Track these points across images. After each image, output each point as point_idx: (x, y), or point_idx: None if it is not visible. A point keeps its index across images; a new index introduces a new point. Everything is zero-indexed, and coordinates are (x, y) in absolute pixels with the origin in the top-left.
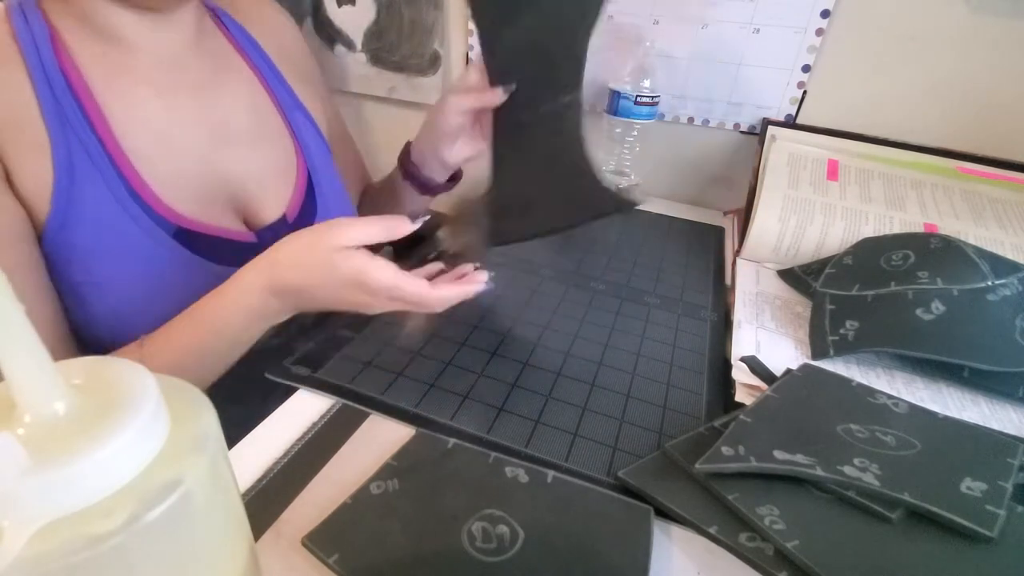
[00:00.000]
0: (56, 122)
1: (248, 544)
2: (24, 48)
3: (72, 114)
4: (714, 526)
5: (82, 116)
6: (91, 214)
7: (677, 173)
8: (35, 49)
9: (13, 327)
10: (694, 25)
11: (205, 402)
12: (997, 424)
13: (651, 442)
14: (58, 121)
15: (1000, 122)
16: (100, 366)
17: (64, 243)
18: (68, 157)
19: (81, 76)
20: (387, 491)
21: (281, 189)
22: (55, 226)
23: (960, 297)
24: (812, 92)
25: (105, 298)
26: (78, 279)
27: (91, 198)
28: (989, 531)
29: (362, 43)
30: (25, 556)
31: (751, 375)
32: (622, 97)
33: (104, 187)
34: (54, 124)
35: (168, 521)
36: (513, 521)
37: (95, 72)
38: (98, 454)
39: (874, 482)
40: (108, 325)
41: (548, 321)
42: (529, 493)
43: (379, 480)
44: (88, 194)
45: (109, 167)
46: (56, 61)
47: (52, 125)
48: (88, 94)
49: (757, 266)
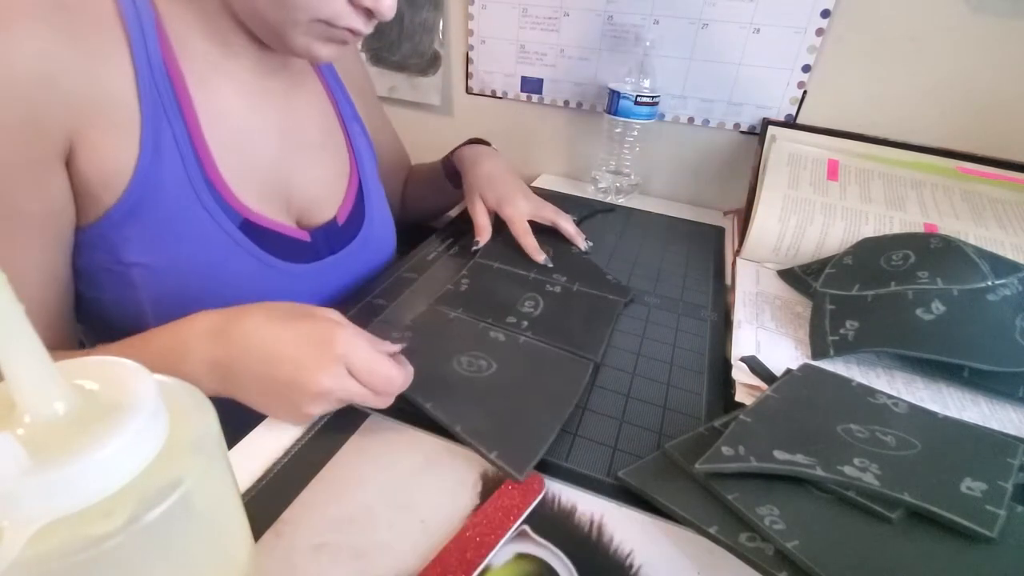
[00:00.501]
0: (149, 102)
1: (248, 544)
2: (127, 21)
3: (166, 97)
4: (714, 526)
5: (174, 99)
6: (167, 195)
7: (677, 173)
8: (140, 27)
9: (13, 327)
10: (694, 25)
11: (205, 402)
12: (997, 424)
13: (651, 442)
14: (152, 101)
15: (1000, 122)
16: (100, 366)
17: (133, 221)
18: (155, 139)
19: (177, 62)
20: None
21: (335, 194)
22: (129, 203)
23: (960, 297)
24: (812, 92)
25: (160, 282)
26: (133, 260)
27: (170, 179)
28: (989, 531)
29: (362, 43)
30: (25, 556)
31: (751, 375)
32: (622, 97)
33: (183, 171)
34: (147, 103)
35: (168, 521)
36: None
37: (192, 62)
38: (98, 454)
39: (874, 482)
40: (156, 309)
41: None
42: (505, 344)
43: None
44: (167, 175)
45: (190, 152)
46: (158, 42)
47: (145, 103)
48: (181, 80)
49: (757, 266)
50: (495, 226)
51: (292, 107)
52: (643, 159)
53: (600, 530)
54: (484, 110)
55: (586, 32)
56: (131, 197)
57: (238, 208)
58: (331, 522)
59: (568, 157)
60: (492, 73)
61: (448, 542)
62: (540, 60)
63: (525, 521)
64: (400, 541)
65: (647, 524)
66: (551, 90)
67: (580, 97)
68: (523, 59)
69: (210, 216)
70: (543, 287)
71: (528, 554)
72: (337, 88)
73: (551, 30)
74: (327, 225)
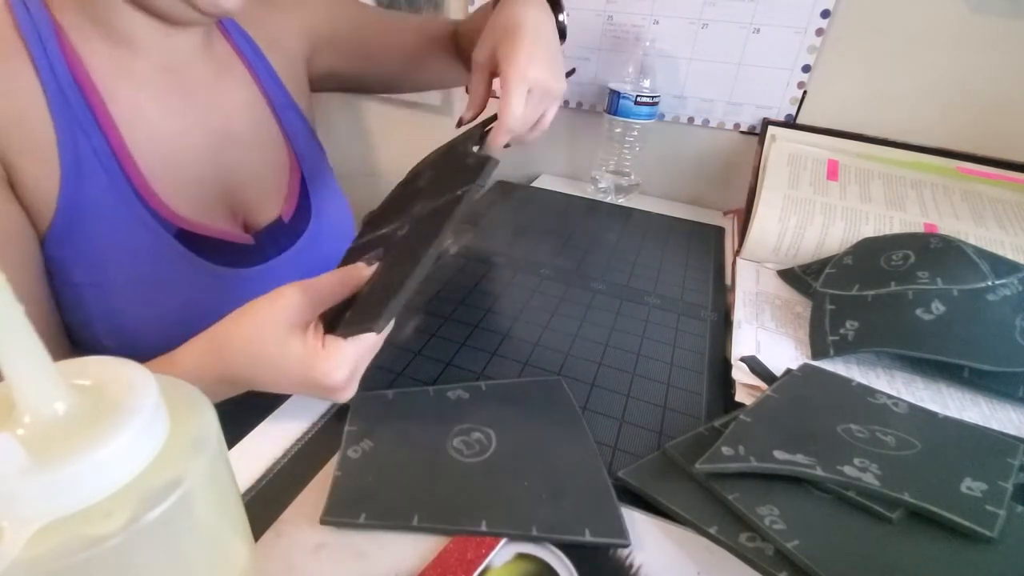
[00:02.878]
0: (63, 120)
1: (248, 544)
2: (28, 40)
3: (80, 111)
4: (714, 526)
5: (89, 114)
6: (97, 214)
7: (677, 173)
8: (40, 42)
9: (13, 327)
10: (694, 25)
11: (205, 402)
12: (997, 424)
13: (651, 442)
14: (65, 119)
15: (1000, 122)
16: (100, 366)
17: (68, 244)
18: (75, 156)
19: (87, 73)
20: (365, 451)
21: (276, 190)
22: (60, 226)
23: (960, 297)
24: (812, 92)
25: (106, 299)
26: (78, 280)
27: (97, 198)
28: (989, 531)
29: None
30: (25, 556)
31: (751, 375)
32: (622, 97)
33: (110, 186)
34: (61, 122)
35: (168, 521)
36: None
37: (100, 70)
38: (98, 454)
39: (874, 482)
40: (106, 327)
41: (548, 321)
42: (475, 404)
43: (352, 447)
44: (94, 194)
45: (115, 167)
46: (62, 56)
47: (59, 123)
48: (94, 92)
49: (757, 266)
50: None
51: (215, 102)
52: (643, 159)
53: None
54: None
55: (586, 32)
56: (62, 218)
57: (170, 217)
58: None
59: (568, 157)
60: None
61: (448, 542)
62: None
63: None
64: (400, 541)
65: (647, 524)
66: None
67: (580, 97)
68: None
69: (145, 229)
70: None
71: (528, 554)
72: (266, 74)
73: None
74: (272, 225)
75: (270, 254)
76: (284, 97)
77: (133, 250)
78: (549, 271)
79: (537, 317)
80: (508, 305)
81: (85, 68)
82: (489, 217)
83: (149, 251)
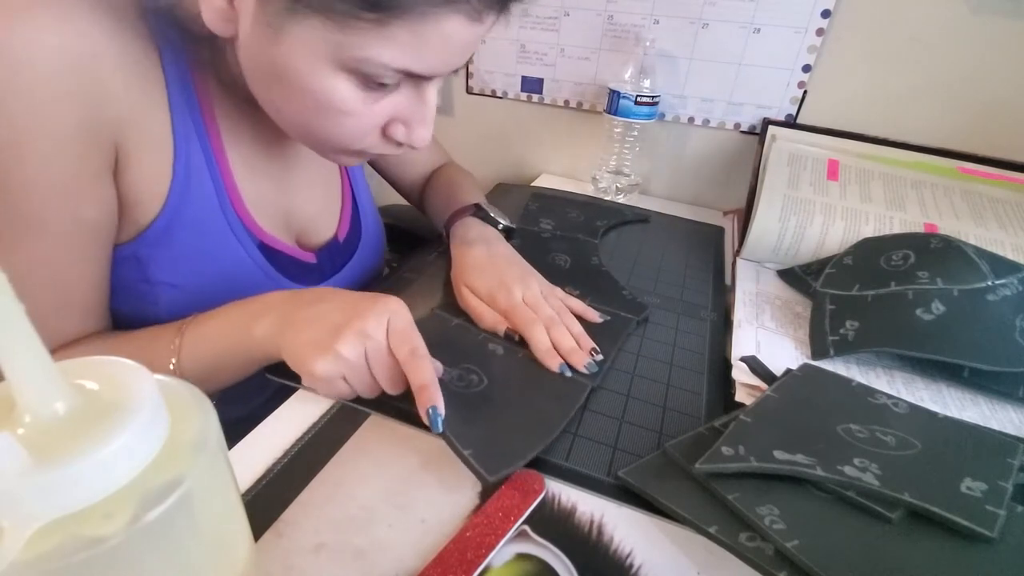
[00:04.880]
0: (181, 123)
1: (248, 544)
2: (161, 47)
3: (195, 119)
4: (714, 526)
5: (202, 123)
6: (197, 216)
7: (677, 173)
8: (173, 56)
9: (13, 327)
10: (694, 25)
11: (205, 402)
12: (997, 424)
13: (651, 442)
14: (183, 122)
15: (1000, 122)
16: (100, 366)
17: (165, 240)
18: (187, 166)
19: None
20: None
21: (331, 209)
22: (163, 222)
23: (960, 297)
24: (812, 92)
25: (181, 300)
26: (160, 278)
27: (200, 202)
28: (989, 531)
29: None
30: (25, 556)
31: (751, 375)
32: (622, 97)
33: (213, 195)
34: (180, 125)
35: (168, 521)
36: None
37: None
38: (98, 454)
39: (874, 482)
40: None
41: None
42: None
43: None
44: (198, 197)
45: (219, 177)
46: (190, 72)
47: (178, 125)
48: (208, 103)
49: (757, 266)
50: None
51: None
52: (643, 159)
53: (600, 530)
54: (484, 110)
55: (586, 32)
56: (165, 218)
57: (255, 231)
58: (331, 522)
59: (568, 157)
60: (492, 73)
61: (448, 542)
62: (540, 60)
63: (525, 521)
64: (400, 541)
65: (647, 524)
66: (551, 90)
67: (580, 97)
68: (523, 59)
69: (236, 239)
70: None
71: (528, 554)
72: None
73: (551, 30)
74: (330, 244)
75: (328, 272)
76: None
77: (221, 258)
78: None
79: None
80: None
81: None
82: None
83: (235, 260)
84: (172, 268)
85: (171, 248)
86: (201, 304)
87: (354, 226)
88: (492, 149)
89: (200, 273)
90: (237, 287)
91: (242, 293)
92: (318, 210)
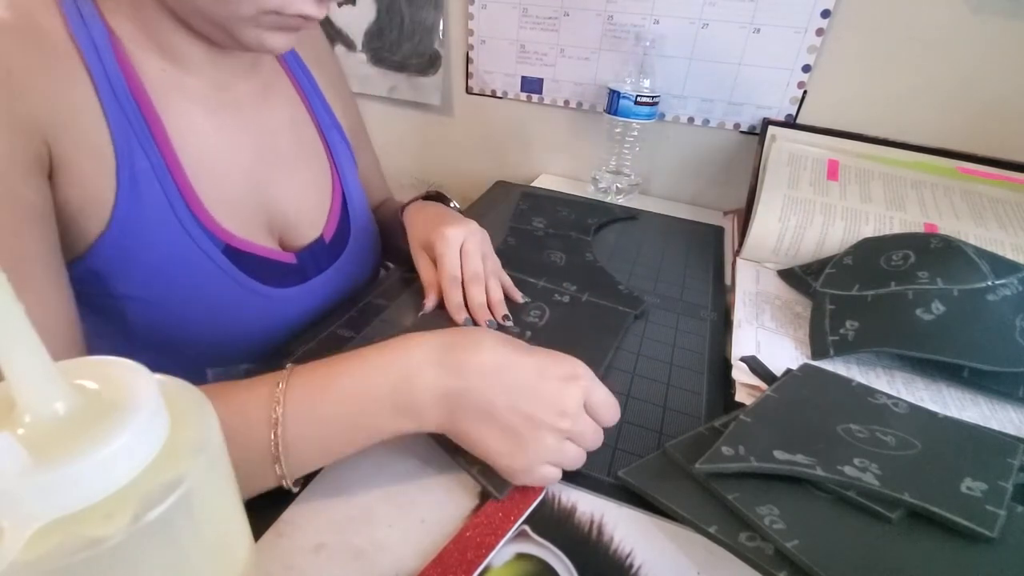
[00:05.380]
0: (120, 131)
1: (248, 544)
2: (83, 48)
3: (137, 125)
4: (714, 526)
5: (146, 128)
6: (151, 229)
7: (677, 173)
8: (94, 48)
9: (13, 327)
10: (694, 25)
11: (205, 402)
12: (997, 424)
13: (651, 442)
14: (122, 130)
15: (1000, 122)
16: (100, 366)
17: (119, 256)
18: (132, 170)
19: (142, 85)
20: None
21: (318, 210)
22: (114, 233)
23: (960, 297)
24: (812, 92)
25: (149, 313)
26: (121, 292)
27: (151, 208)
28: (989, 531)
29: (362, 43)
30: (25, 556)
31: (751, 375)
32: (622, 97)
33: (165, 200)
34: (118, 130)
35: (168, 521)
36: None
37: (154, 83)
38: (98, 454)
39: (874, 482)
40: (144, 340)
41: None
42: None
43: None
44: (149, 205)
45: (170, 181)
46: (118, 67)
47: (116, 131)
48: (149, 105)
49: (757, 266)
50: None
51: (262, 119)
52: (643, 159)
53: (600, 530)
54: (484, 110)
55: (586, 32)
56: (116, 229)
57: (219, 233)
58: (331, 522)
59: (568, 157)
60: (492, 73)
61: (448, 543)
62: (540, 60)
63: (525, 521)
64: (400, 541)
65: (647, 524)
66: (551, 90)
67: (580, 97)
68: (523, 59)
69: (195, 244)
70: (551, 296)
71: (528, 554)
72: (313, 94)
73: (551, 30)
74: (313, 245)
75: (311, 274)
76: (329, 117)
77: (183, 265)
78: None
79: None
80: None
81: (140, 80)
82: (489, 217)
83: (199, 266)
84: (132, 280)
85: (127, 259)
86: (171, 315)
87: (342, 226)
88: (492, 149)
89: (163, 283)
90: (204, 294)
91: (211, 300)
92: (303, 209)
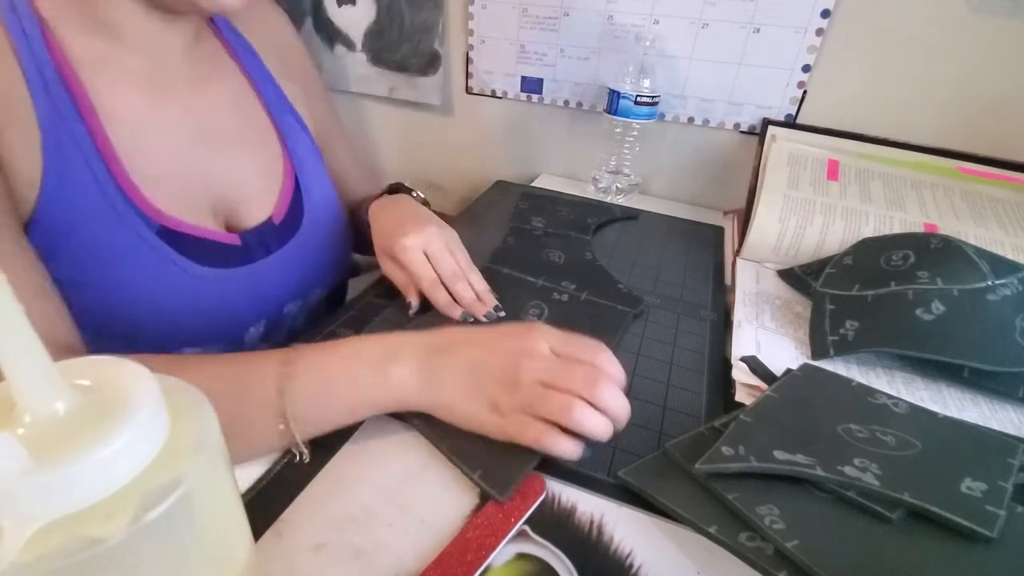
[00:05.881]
0: (45, 107)
1: (248, 544)
2: (13, 35)
3: (61, 102)
4: (714, 526)
5: (73, 109)
6: (78, 209)
7: (677, 173)
8: (24, 38)
9: (13, 327)
10: (694, 25)
11: (205, 402)
12: (997, 424)
13: (651, 442)
14: (47, 106)
15: (1000, 122)
16: (100, 366)
17: (50, 240)
18: (59, 150)
19: (69, 64)
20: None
21: (266, 192)
22: (43, 212)
23: (960, 297)
24: (812, 92)
25: (85, 297)
26: (59, 275)
27: (79, 191)
28: (989, 531)
29: (362, 43)
30: (25, 556)
31: (751, 375)
32: (622, 97)
33: (93, 182)
34: (44, 110)
35: (168, 521)
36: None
37: (83, 61)
38: (98, 454)
39: (874, 482)
40: (87, 326)
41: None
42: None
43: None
44: (77, 189)
45: (98, 161)
46: (45, 47)
47: (41, 111)
48: (79, 86)
49: (757, 266)
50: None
51: (203, 100)
52: (643, 159)
53: (600, 530)
54: (484, 110)
55: (586, 32)
56: (44, 208)
57: (151, 214)
58: (331, 522)
59: (568, 157)
60: (492, 73)
61: (448, 544)
62: (540, 60)
63: (525, 521)
64: (400, 541)
65: (647, 524)
66: (551, 90)
67: (580, 97)
68: (523, 59)
69: (126, 226)
70: (550, 295)
71: (528, 554)
72: (262, 77)
73: (551, 30)
74: (262, 226)
75: (257, 255)
76: (281, 101)
77: (113, 247)
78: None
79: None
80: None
81: (67, 59)
82: (489, 217)
83: (130, 248)
84: (68, 266)
85: (58, 243)
86: (109, 303)
87: (295, 209)
88: (492, 149)
89: (96, 268)
90: (140, 276)
91: (147, 284)
92: (248, 191)
